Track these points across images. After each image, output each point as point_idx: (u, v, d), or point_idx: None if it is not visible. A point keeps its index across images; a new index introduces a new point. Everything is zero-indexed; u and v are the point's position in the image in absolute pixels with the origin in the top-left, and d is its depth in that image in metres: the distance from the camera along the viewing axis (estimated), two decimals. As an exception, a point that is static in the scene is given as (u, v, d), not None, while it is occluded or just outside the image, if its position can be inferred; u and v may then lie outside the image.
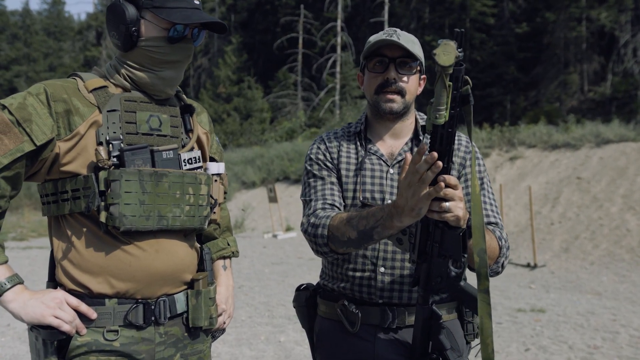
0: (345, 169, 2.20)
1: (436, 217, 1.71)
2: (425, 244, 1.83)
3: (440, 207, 1.68)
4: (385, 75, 2.11)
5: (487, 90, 32.30)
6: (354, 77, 34.71)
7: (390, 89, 2.11)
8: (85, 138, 1.84)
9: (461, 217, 1.71)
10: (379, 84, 2.13)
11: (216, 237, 2.33)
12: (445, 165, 1.65)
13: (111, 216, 1.80)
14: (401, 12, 36.55)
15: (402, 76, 2.11)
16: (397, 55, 2.10)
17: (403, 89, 2.12)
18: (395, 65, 2.10)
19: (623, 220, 12.37)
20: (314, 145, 2.30)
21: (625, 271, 10.43)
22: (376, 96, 2.15)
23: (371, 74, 2.16)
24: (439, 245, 1.79)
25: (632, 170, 14.03)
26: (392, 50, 2.10)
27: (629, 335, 6.45)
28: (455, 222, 1.72)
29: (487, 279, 1.72)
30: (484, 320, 1.74)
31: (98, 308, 1.84)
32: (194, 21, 1.87)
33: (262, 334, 6.60)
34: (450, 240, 1.77)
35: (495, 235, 2.04)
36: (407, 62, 2.11)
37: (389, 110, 2.13)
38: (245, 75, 38.84)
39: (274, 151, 25.27)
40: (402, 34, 2.13)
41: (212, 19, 1.91)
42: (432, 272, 1.84)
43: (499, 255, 2.04)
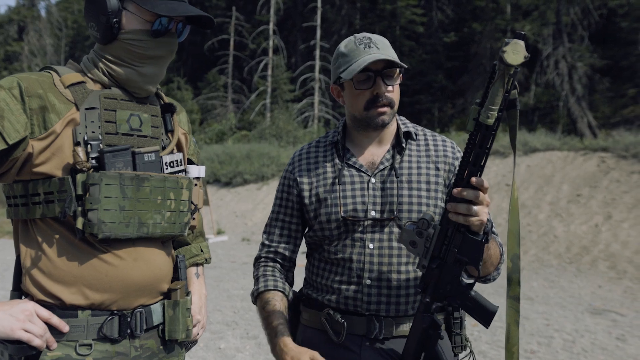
0: (323, 185, 2.13)
1: (461, 221, 1.70)
2: (440, 248, 1.79)
3: (468, 210, 1.68)
4: (374, 90, 2.02)
5: (416, 98, 32.85)
6: (285, 80, 34.71)
7: (381, 102, 2.02)
8: (61, 137, 1.70)
9: (484, 222, 1.71)
10: (367, 100, 2.04)
11: (189, 243, 2.21)
12: (481, 164, 1.65)
13: (89, 222, 1.67)
14: (333, 18, 36.73)
15: (390, 87, 2.04)
16: (381, 67, 2.01)
17: (392, 101, 2.05)
18: (382, 78, 2.01)
19: (550, 227, 12.74)
20: (287, 166, 2.26)
21: (554, 277, 10.71)
22: (366, 112, 2.05)
23: (357, 91, 2.05)
24: (457, 250, 1.75)
25: (558, 178, 14.47)
26: (376, 63, 2.00)
27: (562, 340, 6.60)
28: (478, 227, 1.71)
29: (518, 285, 1.72)
30: (511, 328, 1.71)
31: (70, 320, 1.71)
32: (181, 14, 1.75)
33: (200, 340, 6.41)
34: (470, 245, 1.74)
35: (497, 241, 2.02)
36: (392, 72, 2.03)
37: (382, 123, 2.05)
38: (175, 76, 38.27)
39: (204, 153, 24.92)
40: (377, 40, 2.06)
41: (200, 13, 1.80)
42: (443, 279, 1.78)
43: (499, 262, 2.02)
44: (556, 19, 28.53)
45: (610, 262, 10.98)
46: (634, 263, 10.69)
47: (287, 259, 2.24)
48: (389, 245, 2.03)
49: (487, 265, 1.95)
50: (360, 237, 2.04)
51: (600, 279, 10.42)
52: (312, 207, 2.13)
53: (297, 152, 2.28)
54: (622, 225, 11.92)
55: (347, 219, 2.04)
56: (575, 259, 11.44)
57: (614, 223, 12.09)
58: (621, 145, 14.62)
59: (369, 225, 2.04)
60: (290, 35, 39.37)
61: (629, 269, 10.54)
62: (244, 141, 28.61)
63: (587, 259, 11.31)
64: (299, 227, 2.23)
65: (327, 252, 2.11)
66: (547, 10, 28.66)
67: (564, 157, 15.37)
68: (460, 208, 1.69)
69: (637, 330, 7.03)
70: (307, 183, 2.17)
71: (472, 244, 1.74)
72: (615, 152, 14.58)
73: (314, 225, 2.13)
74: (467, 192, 1.68)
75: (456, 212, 1.71)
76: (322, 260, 2.14)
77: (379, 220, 2.03)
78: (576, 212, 12.90)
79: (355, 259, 2.04)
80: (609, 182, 13.52)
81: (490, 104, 1.60)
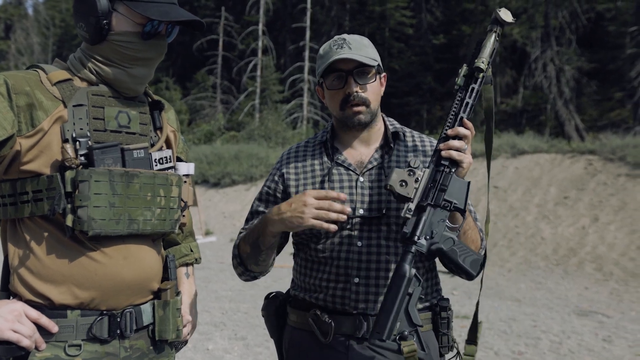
0: (311, 183, 2.15)
1: (455, 156, 1.85)
2: (428, 193, 1.86)
3: (461, 145, 1.86)
4: (346, 89, 2.05)
5: (405, 99, 32.86)
6: (275, 81, 34.65)
7: (354, 102, 2.05)
8: (49, 134, 1.69)
9: (471, 164, 1.89)
10: (341, 99, 2.07)
11: (179, 243, 2.20)
12: (470, 111, 1.92)
13: (79, 220, 1.65)
14: (322, 19, 36.70)
15: (363, 86, 2.06)
16: (352, 67, 2.04)
17: (366, 99, 2.07)
18: (354, 77, 2.04)
19: (538, 229, 12.79)
20: (276, 164, 2.29)
21: (541, 278, 10.77)
22: (342, 112, 2.09)
23: (331, 91, 2.10)
24: (445, 191, 1.85)
25: (546, 181, 14.53)
26: (347, 62, 2.03)
27: (549, 341, 6.64)
28: (467, 167, 1.87)
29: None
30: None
31: (59, 320, 1.70)
32: (173, 19, 1.75)
33: (188, 341, 6.37)
34: (457, 186, 1.86)
35: (477, 226, 2.09)
36: (364, 71, 2.06)
37: (358, 122, 2.09)
38: (163, 76, 38.03)
39: (193, 154, 24.75)
40: (352, 40, 2.08)
41: (192, 17, 1.80)
42: (431, 222, 1.84)
43: (479, 247, 2.07)
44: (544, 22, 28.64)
45: (596, 264, 11.04)
46: (620, 265, 10.76)
47: None
48: (377, 244, 2.04)
49: (467, 239, 2.00)
50: (348, 235, 2.05)
51: (586, 280, 10.48)
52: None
53: (286, 151, 2.31)
54: (609, 227, 11.99)
55: None
56: (563, 261, 11.49)
57: (601, 225, 12.15)
58: (608, 148, 14.71)
59: (357, 224, 2.05)
60: (280, 36, 39.31)
61: (615, 271, 10.60)
62: (233, 142, 28.53)
63: (574, 261, 11.37)
64: None
65: (314, 250, 2.11)
66: (535, 13, 28.75)
67: (551, 160, 15.44)
68: (455, 143, 1.85)
69: (623, 332, 7.09)
70: (294, 180, 2.19)
71: (460, 183, 1.86)
72: (602, 155, 14.66)
73: None
74: (461, 129, 1.87)
75: (450, 148, 1.85)
76: (310, 259, 2.14)
77: (367, 219, 2.05)
78: (563, 215, 12.96)
79: (344, 257, 2.04)
80: (595, 184, 13.59)
81: (483, 54, 1.91)
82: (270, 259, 2.11)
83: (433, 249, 1.84)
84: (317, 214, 1.82)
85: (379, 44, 33.96)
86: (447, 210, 1.85)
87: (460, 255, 1.85)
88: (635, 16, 24.33)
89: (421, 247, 1.82)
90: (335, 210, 1.83)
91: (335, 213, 1.83)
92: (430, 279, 2.15)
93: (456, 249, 1.85)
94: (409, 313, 1.79)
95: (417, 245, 1.81)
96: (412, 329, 1.79)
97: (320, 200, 1.84)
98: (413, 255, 1.81)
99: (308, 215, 1.83)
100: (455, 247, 1.85)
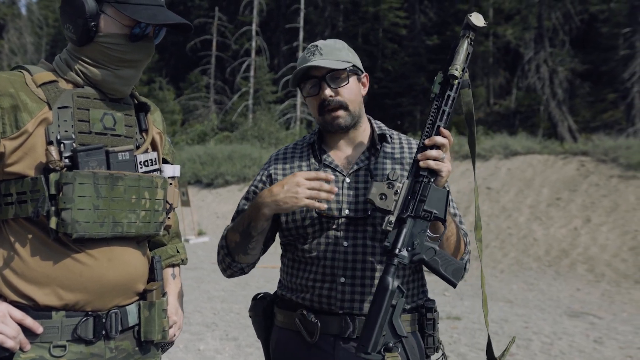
0: None
1: (433, 166, 1.85)
2: (408, 205, 1.87)
3: (439, 154, 1.86)
4: (321, 95, 2.09)
5: (398, 100, 32.89)
6: (268, 81, 34.61)
7: (330, 107, 2.09)
8: (33, 136, 1.69)
9: (450, 172, 1.90)
10: (318, 106, 2.11)
11: (165, 244, 2.20)
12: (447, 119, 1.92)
13: (63, 222, 1.65)
14: (316, 20, 36.70)
15: (336, 89, 2.09)
16: (324, 72, 2.08)
17: (343, 102, 2.10)
18: (327, 82, 2.08)
19: (530, 230, 12.81)
20: (264, 165, 2.30)
21: (533, 279, 10.78)
22: (321, 117, 2.13)
23: (309, 99, 2.15)
24: (424, 202, 1.85)
25: (538, 182, 14.56)
26: (319, 68, 2.08)
27: (541, 342, 6.64)
28: (446, 176, 1.89)
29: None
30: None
31: (44, 321, 1.70)
32: (161, 21, 1.75)
33: (179, 341, 6.37)
34: (437, 196, 1.87)
35: (461, 232, 2.10)
36: (337, 75, 2.09)
37: (338, 126, 2.12)
38: (157, 76, 37.98)
39: (186, 154, 24.83)
40: (324, 46, 2.12)
41: (180, 20, 1.80)
42: (412, 233, 1.86)
43: (463, 252, 2.09)
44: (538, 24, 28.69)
45: (588, 265, 11.06)
46: (612, 266, 10.78)
47: None
48: (363, 244, 2.06)
49: (449, 245, 2.02)
50: (334, 235, 2.07)
51: (578, 282, 10.49)
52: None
53: (274, 153, 2.33)
54: (601, 228, 12.02)
55: (322, 215, 2.07)
56: (555, 262, 11.51)
57: (593, 226, 12.18)
58: (600, 150, 14.75)
59: (344, 224, 2.07)
60: (273, 37, 39.28)
61: (607, 272, 10.62)
62: (226, 142, 28.51)
63: (566, 262, 11.39)
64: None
65: (301, 251, 2.13)
66: (529, 14, 28.80)
67: (544, 161, 15.47)
68: (432, 153, 1.86)
69: (614, 333, 7.09)
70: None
71: (439, 193, 1.87)
72: (594, 156, 14.70)
73: (289, 224, 2.14)
74: (438, 138, 1.87)
75: (427, 158, 1.86)
76: (297, 260, 2.16)
77: (353, 219, 2.07)
78: (556, 216, 12.99)
79: (330, 257, 2.06)
80: (588, 185, 13.62)
81: (457, 60, 1.91)
82: (259, 248, 2.11)
83: (415, 259, 1.86)
84: (310, 193, 1.87)
85: (373, 45, 34.02)
86: (428, 220, 1.87)
87: (442, 265, 1.87)
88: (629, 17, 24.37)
89: (403, 258, 1.84)
90: (325, 190, 1.88)
91: (325, 193, 1.88)
92: (416, 280, 2.16)
93: (438, 259, 1.87)
94: (393, 325, 1.82)
95: (399, 258, 1.84)
96: (397, 340, 1.82)
97: (311, 180, 1.88)
98: (396, 267, 1.84)
99: (302, 194, 1.87)
100: (436, 256, 1.87)
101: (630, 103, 23.25)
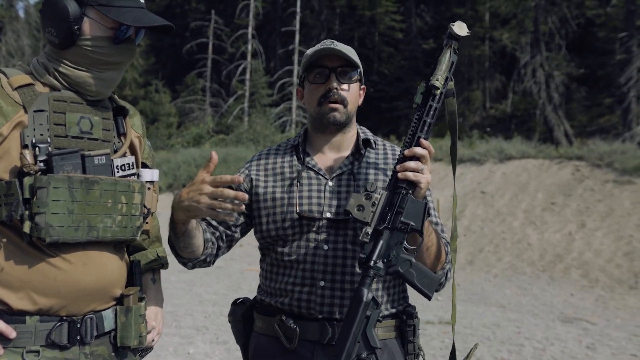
0: (280, 185, 2.16)
1: (411, 177, 1.82)
2: (386, 216, 1.85)
3: (417, 165, 1.83)
4: (327, 85, 2.10)
5: (394, 104, 32.86)
6: (264, 84, 34.65)
7: (333, 98, 2.09)
8: (8, 140, 1.69)
9: (429, 182, 1.87)
10: (321, 95, 2.11)
11: (145, 248, 2.18)
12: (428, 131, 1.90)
13: (36, 226, 1.65)
14: (312, 23, 36.74)
15: (344, 85, 2.11)
16: (336, 65, 2.10)
17: (345, 99, 2.11)
18: (336, 75, 2.10)
19: (524, 235, 12.80)
20: (245, 163, 2.30)
21: (527, 284, 10.75)
22: (319, 107, 2.12)
23: (312, 85, 2.14)
24: (401, 214, 1.83)
25: (533, 186, 14.56)
26: (332, 60, 2.10)
27: (532, 348, 6.61)
28: (425, 187, 1.86)
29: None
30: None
31: (18, 326, 1.69)
32: (146, 24, 1.77)
33: (169, 345, 6.37)
34: (414, 207, 1.85)
35: (442, 241, 2.08)
36: (347, 71, 2.12)
37: (333, 120, 2.11)
38: (153, 79, 38.07)
39: (181, 157, 24.88)
40: (339, 43, 2.14)
41: (164, 22, 1.81)
42: (389, 245, 1.84)
43: (444, 261, 2.07)
44: (534, 28, 28.76)
45: (583, 271, 11.05)
46: (606, 272, 10.76)
47: (220, 238, 2.19)
48: (343, 247, 2.05)
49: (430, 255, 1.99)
50: (315, 238, 2.07)
51: (572, 287, 10.48)
52: (266, 205, 2.15)
53: (257, 154, 2.33)
54: (596, 233, 12.02)
55: (302, 217, 2.06)
56: (549, 267, 11.49)
57: (588, 231, 12.18)
58: (596, 154, 14.79)
59: (324, 226, 2.07)
60: (269, 40, 39.30)
61: (602, 278, 10.60)
62: (222, 145, 28.53)
63: (560, 267, 11.37)
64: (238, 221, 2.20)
65: (280, 254, 2.12)
66: (525, 18, 28.88)
67: (539, 165, 15.49)
68: (410, 165, 1.83)
69: (607, 339, 7.06)
70: (262, 181, 2.20)
71: (417, 205, 1.85)
72: (589, 161, 14.74)
73: (269, 224, 2.13)
74: (418, 149, 1.85)
75: (406, 170, 1.83)
76: (275, 263, 2.15)
77: (334, 222, 2.06)
78: (550, 220, 12.98)
79: (310, 260, 2.06)
80: (583, 190, 13.63)
81: (439, 70, 1.87)
82: (192, 247, 2.02)
83: (390, 271, 1.86)
84: (211, 203, 1.77)
85: (369, 49, 34.03)
86: (404, 232, 1.85)
87: (417, 277, 1.86)
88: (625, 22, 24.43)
89: (379, 270, 1.83)
90: (228, 196, 1.76)
91: (231, 204, 1.78)
92: (397, 286, 2.14)
93: (413, 271, 1.86)
94: (366, 336, 1.81)
95: (375, 269, 1.82)
96: (370, 352, 1.82)
97: (215, 188, 1.78)
98: (371, 279, 1.82)
99: (203, 204, 1.78)
100: (412, 269, 1.86)
101: (627, 107, 23.29)
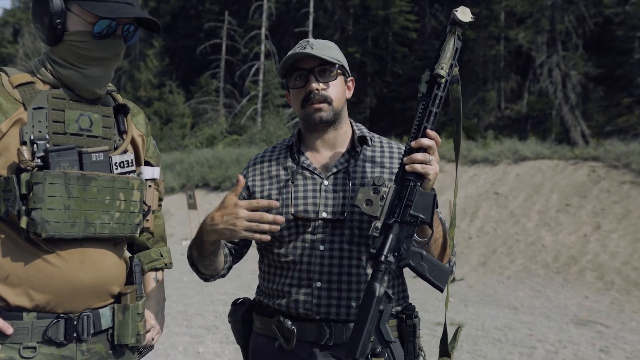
0: (276, 187, 2.18)
1: (419, 169, 1.81)
2: (395, 210, 1.84)
3: (425, 157, 1.81)
4: (307, 87, 2.09)
5: (408, 104, 32.73)
6: (277, 85, 34.73)
7: (315, 99, 2.09)
8: (7, 136, 1.73)
9: (437, 174, 1.84)
10: (303, 98, 2.11)
11: (149, 247, 2.21)
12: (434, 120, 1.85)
13: (33, 222, 1.68)
14: (325, 23, 36.72)
15: (324, 84, 2.10)
16: (314, 65, 2.09)
17: (328, 97, 2.10)
18: (315, 75, 2.09)
19: (538, 236, 12.64)
20: (243, 170, 2.30)
21: (541, 286, 10.59)
22: (303, 110, 2.12)
23: (294, 90, 2.15)
24: (410, 207, 1.82)
25: (548, 187, 14.40)
26: (308, 61, 2.10)
27: (545, 351, 6.52)
28: (433, 178, 1.83)
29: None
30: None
31: (15, 322, 1.72)
32: (120, 16, 1.75)
33: (180, 344, 6.40)
34: (423, 200, 1.83)
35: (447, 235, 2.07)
36: (326, 69, 2.10)
37: (319, 119, 2.11)
38: (167, 80, 38.40)
39: (194, 157, 25.05)
40: (315, 42, 2.13)
41: (141, 14, 1.80)
42: (399, 238, 1.83)
43: (450, 254, 2.08)
44: (550, 27, 28.52)
45: (598, 273, 10.88)
46: (622, 274, 10.59)
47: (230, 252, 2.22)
48: (339, 247, 2.06)
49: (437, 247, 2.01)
50: (311, 239, 2.07)
51: (587, 289, 10.32)
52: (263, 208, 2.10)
53: (252, 158, 2.34)
54: (611, 235, 11.85)
55: (297, 217, 2.07)
56: (563, 269, 11.32)
57: (603, 233, 12.01)
58: (612, 155, 14.62)
59: (320, 226, 2.07)
60: (283, 40, 39.27)
61: (617, 280, 10.43)
62: (234, 145, 28.67)
63: (574, 269, 11.20)
64: None
65: (277, 255, 2.12)
66: (541, 17, 28.63)
67: (554, 166, 15.34)
68: (418, 156, 1.81)
69: (621, 342, 6.95)
70: (259, 186, 2.21)
71: (425, 197, 1.84)
72: (606, 162, 14.57)
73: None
74: (424, 140, 1.82)
75: (413, 162, 1.81)
76: (273, 265, 2.16)
77: (330, 222, 2.07)
78: (565, 222, 12.82)
79: (306, 261, 2.06)
80: (599, 191, 13.47)
81: (443, 58, 1.84)
82: (216, 264, 2.08)
83: (402, 265, 1.86)
84: (249, 226, 1.82)
85: (383, 49, 33.95)
86: (414, 225, 1.85)
87: (429, 270, 1.86)
88: (644, 21, 24.15)
89: (390, 264, 1.82)
90: (266, 220, 1.82)
91: (267, 224, 1.82)
92: (397, 285, 2.14)
93: (424, 264, 1.86)
94: (380, 330, 1.82)
95: (386, 263, 1.82)
96: (385, 346, 1.83)
97: (252, 211, 1.83)
98: (383, 273, 1.82)
99: (240, 227, 1.83)
100: (423, 262, 1.86)
101: (646, 107, 23.00)
